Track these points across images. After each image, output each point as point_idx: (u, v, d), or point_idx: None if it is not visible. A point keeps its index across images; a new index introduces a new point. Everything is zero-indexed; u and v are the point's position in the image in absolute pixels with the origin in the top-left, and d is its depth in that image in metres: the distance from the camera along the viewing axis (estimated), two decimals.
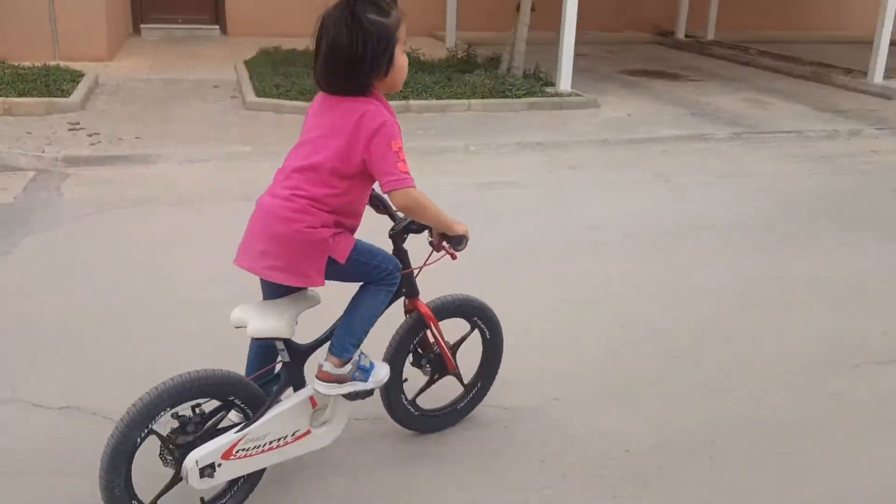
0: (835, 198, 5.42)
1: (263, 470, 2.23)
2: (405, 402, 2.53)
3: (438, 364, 2.54)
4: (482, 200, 5.09)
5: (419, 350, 2.50)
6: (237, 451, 2.10)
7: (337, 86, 2.05)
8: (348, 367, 2.23)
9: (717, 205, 5.18)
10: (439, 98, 7.53)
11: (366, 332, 2.25)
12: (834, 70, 9.78)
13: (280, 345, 2.17)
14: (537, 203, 5.11)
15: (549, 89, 8.04)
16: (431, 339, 2.50)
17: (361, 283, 2.23)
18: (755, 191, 5.54)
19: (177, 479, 2.06)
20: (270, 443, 2.17)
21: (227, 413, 2.15)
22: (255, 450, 2.14)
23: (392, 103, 2.33)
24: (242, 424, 2.11)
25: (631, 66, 10.38)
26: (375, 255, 2.20)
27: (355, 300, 2.24)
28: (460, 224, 2.24)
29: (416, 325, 2.44)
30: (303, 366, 2.25)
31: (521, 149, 6.36)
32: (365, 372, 2.27)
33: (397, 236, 2.32)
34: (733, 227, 4.72)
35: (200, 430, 2.06)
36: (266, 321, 2.08)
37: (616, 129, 6.95)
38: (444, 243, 2.28)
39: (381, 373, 2.32)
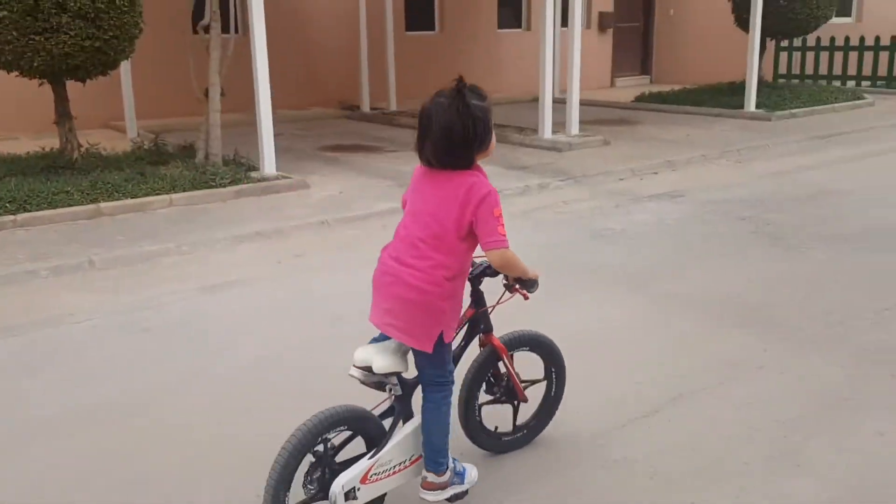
0: (547, 250, 5.75)
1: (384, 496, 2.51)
2: (482, 427, 2.90)
3: (510, 393, 2.90)
4: (213, 307, 4.62)
5: (492, 379, 2.87)
6: (371, 476, 2.40)
7: (449, 163, 2.36)
8: (447, 475, 2.54)
9: None
10: (135, 196, 6.86)
11: (447, 443, 2.52)
12: (508, 129, 10.63)
13: (394, 380, 2.47)
14: (275, 300, 4.76)
15: (254, 174, 7.72)
16: (503, 370, 2.86)
17: (423, 403, 2.48)
18: None
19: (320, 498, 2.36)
20: (394, 467, 2.47)
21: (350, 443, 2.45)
22: (384, 474, 2.44)
23: (80, 209, 2.07)
24: (372, 452, 2.43)
25: (328, 143, 10.42)
26: (447, 353, 2.49)
27: (428, 423, 2.48)
28: (535, 271, 2.55)
29: (490, 358, 2.81)
30: (411, 398, 2.56)
31: (240, 241, 5.96)
32: (460, 476, 2.59)
33: (475, 279, 2.66)
34: None
35: (335, 458, 2.40)
36: (387, 359, 2.40)
37: (333, 209, 6.82)
38: (518, 286, 2.60)
39: (473, 474, 2.65)
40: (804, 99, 12.53)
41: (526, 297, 2.65)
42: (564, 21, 10.42)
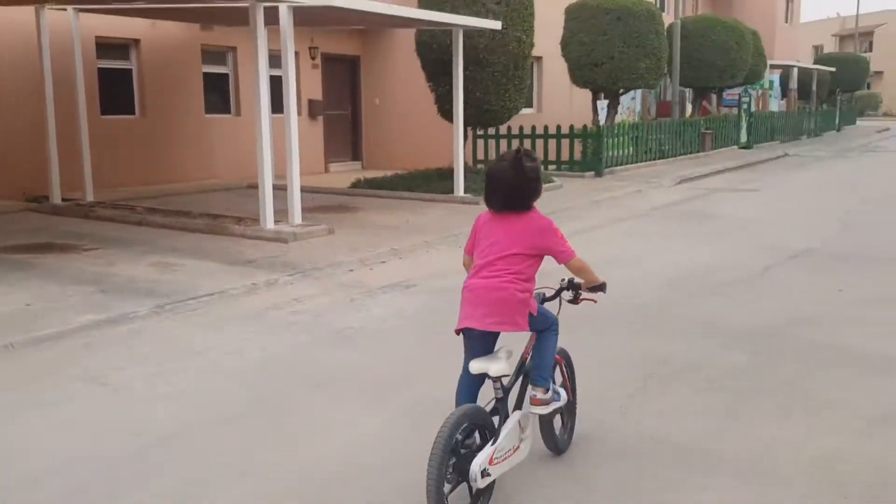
0: (286, 358, 5.16)
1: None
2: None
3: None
4: None
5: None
6: (494, 459, 3.04)
7: (514, 207, 3.21)
8: (550, 392, 3.32)
9: (172, 400, 4.42)
10: None
11: (552, 367, 3.37)
12: (226, 219, 9.89)
13: (498, 384, 3.18)
14: None
15: None
16: (559, 378, 3.57)
17: (538, 335, 3.31)
18: (207, 371, 4.94)
19: (460, 481, 2.99)
20: (506, 453, 3.13)
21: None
22: (502, 458, 3.09)
23: None
24: (492, 441, 3.07)
25: (12, 242, 8.84)
26: (545, 311, 3.32)
27: (540, 348, 3.32)
28: (602, 278, 3.33)
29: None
30: (508, 398, 3.24)
31: None
32: (557, 394, 3.40)
33: (553, 297, 3.44)
34: (212, 423, 4.03)
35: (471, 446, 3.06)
36: (500, 364, 3.13)
37: (17, 327, 5.61)
38: (587, 295, 3.36)
39: (563, 394, 3.48)
40: None
41: (595, 301, 3.43)
42: (275, 108, 10.00)
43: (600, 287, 3.36)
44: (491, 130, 16.19)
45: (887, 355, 5.09)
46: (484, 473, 2.98)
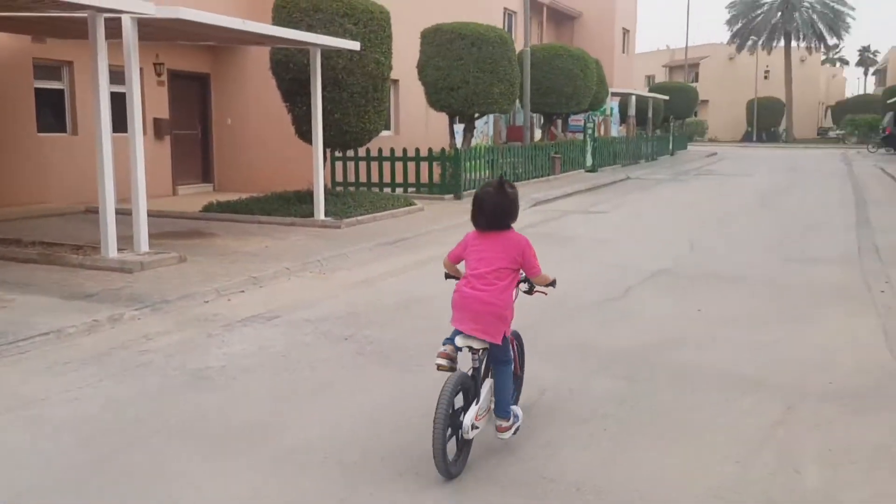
0: (134, 408, 4.57)
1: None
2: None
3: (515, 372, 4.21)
4: None
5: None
6: (478, 416, 3.74)
7: (497, 227, 3.81)
8: (511, 419, 3.90)
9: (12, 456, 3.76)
10: None
11: (510, 398, 3.96)
12: (63, 248, 8.95)
13: (476, 356, 3.80)
14: None
15: None
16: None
17: (495, 369, 3.87)
18: (38, 426, 4.27)
19: (454, 434, 3.66)
20: (484, 412, 3.81)
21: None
22: (482, 416, 3.79)
23: None
24: (474, 401, 3.76)
25: None
26: (509, 343, 3.94)
27: (498, 388, 3.86)
28: (552, 277, 3.99)
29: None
30: (482, 368, 3.86)
31: None
32: (516, 417, 3.97)
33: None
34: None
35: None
36: (480, 342, 3.76)
37: None
38: (540, 288, 4.02)
39: (520, 413, 4.05)
40: (366, 206, 12.99)
41: (546, 294, 4.08)
42: (116, 126, 9.18)
43: (551, 283, 4.00)
44: (350, 152, 15.85)
45: (749, 376, 5.17)
46: (473, 426, 3.72)
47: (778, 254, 9.89)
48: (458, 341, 3.80)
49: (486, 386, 3.86)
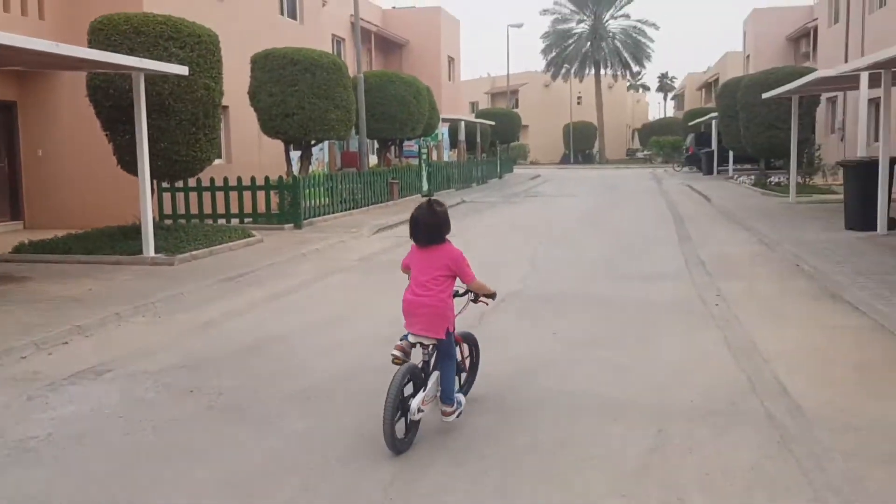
0: None
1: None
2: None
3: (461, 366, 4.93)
4: None
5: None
6: (425, 401, 4.34)
7: (433, 241, 4.51)
8: (454, 405, 4.57)
9: None
10: None
11: (453, 387, 4.61)
12: None
13: (426, 351, 4.48)
14: None
15: None
16: (459, 355, 4.86)
17: (440, 363, 4.54)
18: None
19: (403, 416, 4.28)
20: (430, 399, 4.42)
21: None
22: (428, 402, 4.39)
23: None
24: (422, 389, 4.37)
25: None
26: (452, 338, 4.60)
27: (443, 375, 4.53)
28: (493, 288, 4.69)
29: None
30: (430, 362, 4.52)
31: None
32: (459, 403, 4.63)
33: (462, 295, 4.75)
34: None
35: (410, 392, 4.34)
36: (430, 340, 4.47)
37: None
38: (483, 298, 4.69)
39: (463, 400, 4.70)
40: (201, 240, 12.16)
41: (487, 304, 4.92)
42: None
43: (491, 295, 4.69)
44: (180, 183, 14.85)
45: (616, 399, 5.17)
46: (419, 410, 4.30)
47: (615, 271, 10.23)
48: (411, 339, 4.48)
49: (433, 377, 4.50)
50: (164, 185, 14.70)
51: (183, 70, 11.11)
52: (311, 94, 16.28)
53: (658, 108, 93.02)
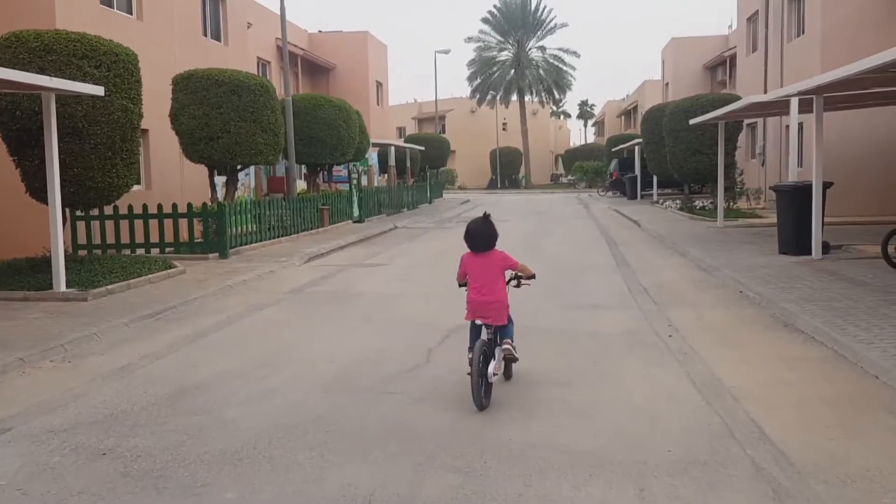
0: None
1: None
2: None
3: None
4: None
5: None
6: (496, 369, 5.50)
7: (486, 248, 5.66)
8: (513, 345, 5.70)
9: None
10: None
11: (511, 334, 5.79)
12: None
13: (490, 331, 5.58)
14: None
15: None
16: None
17: (502, 331, 5.72)
18: None
19: (482, 379, 5.36)
20: (497, 367, 5.57)
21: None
22: (497, 369, 5.56)
23: None
24: (493, 359, 5.48)
25: None
26: (510, 316, 5.80)
27: (506, 330, 5.72)
28: (532, 270, 5.97)
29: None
30: (495, 339, 5.67)
31: None
32: (514, 348, 5.72)
33: (509, 281, 5.89)
34: None
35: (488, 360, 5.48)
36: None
37: None
38: (525, 281, 5.96)
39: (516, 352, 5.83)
40: (118, 272, 11.19)
41: (528, 285, 6.12)
42: None
43: (532, 276, 5.92)
44: (95, 210, 13.77)
45: (587, 451, 4.66)
46: (493, 374, 5.44)
47: (560, 300, 9.82)
48: (478, 322, 5.63)
49: (499, 351, 5.65)
50: (79, 213, 13.64)
51: (98, 90, 10.23)
52: (236, 117, 15.48)
53: (579, 134, 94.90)
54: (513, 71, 60.24)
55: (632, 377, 6.28)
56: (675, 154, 22.96)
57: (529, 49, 60.84)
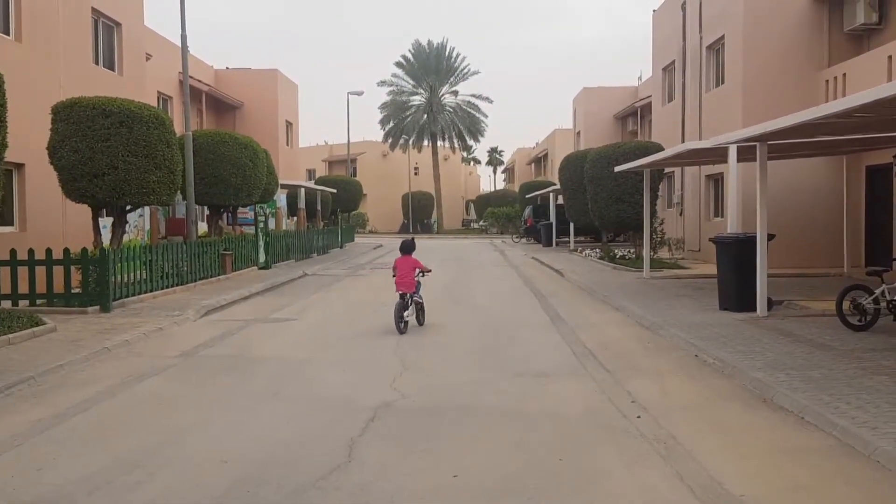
0: None
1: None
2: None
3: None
4: None
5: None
6: (408, 315, 11.00)
7: (409, 253, 11.30)
8: (421, 299, 11.42)
9: None
10: None
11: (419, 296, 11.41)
12: None
13: (409, 296, 10.99)
14: None
15: None
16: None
17: (411, 296, 11.10)
18: None
19: (401, 318, 10.87)
20: (410, 315, 11.05)
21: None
22: (409, 315, 11.05)
23: None
24: (407, 310, 10.94)
25: None
26: (418, 286, 11.26)
27: (417, 292, 11.25)
28: (429, 268, 11.82)
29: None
30: (411, 300, 11.00)
31: None
32: (422, 299, 11.47)
33: (418, 274, 11.28)
34: None
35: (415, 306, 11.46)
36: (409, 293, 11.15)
37: None
38: (426, 274, 11.39)
39: (423, 300, 11.58)
40: None
41: (423, 276, 11.35)
42: None
43: (428, 270, 11.44)
44: None
45: None
46: (408, 315, 10.88)
47: (502, 367, 8.49)
48: (399, 293, 10.89)
49: (411, 307, 10.96)
50: None
51: None
52: (126, 152, 13.65)
53: (489, 180, 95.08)
54: (426, 116, 59.68)
55: (616, 483, 4.94)
56: (596, 202, 22.29)
57: (442, 95, 60.55)
